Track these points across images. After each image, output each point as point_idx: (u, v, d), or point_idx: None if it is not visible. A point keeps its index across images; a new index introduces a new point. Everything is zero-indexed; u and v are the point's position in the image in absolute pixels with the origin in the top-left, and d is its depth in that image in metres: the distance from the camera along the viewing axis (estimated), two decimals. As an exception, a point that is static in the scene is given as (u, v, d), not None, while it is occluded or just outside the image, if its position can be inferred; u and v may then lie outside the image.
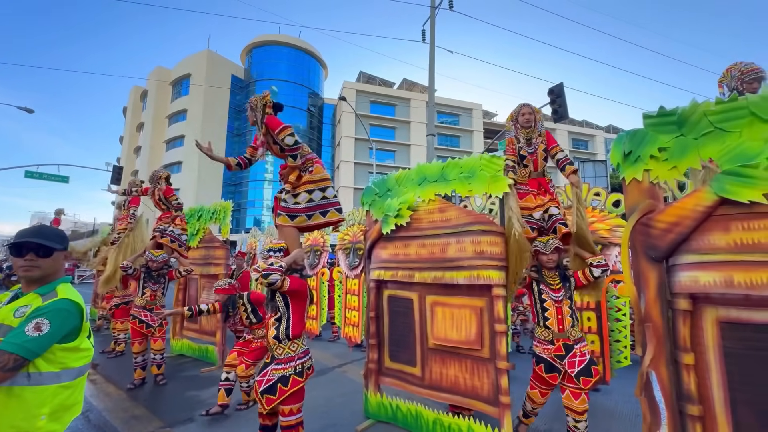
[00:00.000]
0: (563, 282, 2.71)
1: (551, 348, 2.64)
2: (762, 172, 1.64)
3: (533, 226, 2.97)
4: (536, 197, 3.08)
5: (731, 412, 1.69)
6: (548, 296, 2.70)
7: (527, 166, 3.18)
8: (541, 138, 3.16)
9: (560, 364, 2.60)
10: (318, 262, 6.76)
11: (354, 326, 5.77)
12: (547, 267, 2.76)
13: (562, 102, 10.06)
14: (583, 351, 2.61)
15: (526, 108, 3.19)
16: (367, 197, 3.70)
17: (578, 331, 2.68)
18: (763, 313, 1.65)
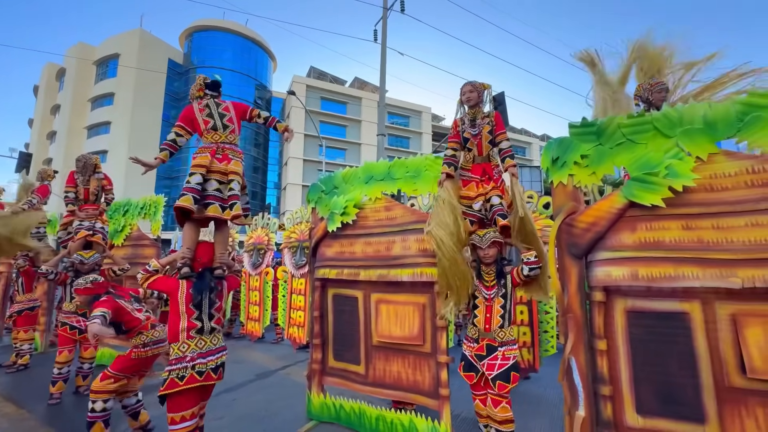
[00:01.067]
0: (498, 279, 2.49)
1: (474, 347, 2.48)
2: (661, 179, 1.88)
3: (472, 219, 2.69)
4: (479, 185, 2.74)
5: (634, 390, 1.92)
6: (480, 293, 2.51)
7: (471, 150, 2.81)
8: (488, 119, 2.78)
9: (479, 364, 2.43)
10: (261, 262, 6.48)
11: (299, 327, 5.63)
12: (485, 262, 2.55)
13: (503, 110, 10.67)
14: (508, 355, 2.39)
15: (467, 86, 2.82)
16: (313, 194, 3.62)
17: (508, 334, 2.45)
18: (660, 303, 1.90)
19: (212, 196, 2.61)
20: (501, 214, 2.56)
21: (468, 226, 2.65)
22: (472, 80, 2.86)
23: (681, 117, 1.93)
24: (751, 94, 1.81)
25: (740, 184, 1.78)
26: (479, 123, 2.79)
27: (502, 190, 2.70)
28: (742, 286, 1.69)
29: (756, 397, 1.68)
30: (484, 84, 2.86)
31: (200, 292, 2.32)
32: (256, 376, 4.58)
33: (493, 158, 2.85)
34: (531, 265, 2.37)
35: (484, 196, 2.70)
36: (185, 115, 2.82)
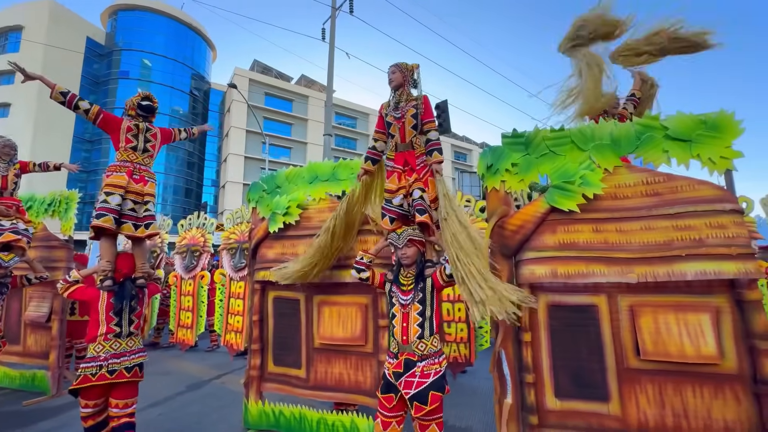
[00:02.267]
0: (417, 282, 2.20)
1: (393, 363, 2.14)
2: (576, 187, 2.12)
3: (392, 215, 2.45)
4: (401, 177, 2.48)
5: (553, 376, 2.13)
6: (397, 299, 2.21)
7: (393, 136, 2.55)
8: (414, 103, 2.50)
9: (397, 383, 2.06)
10: (196, 264, 6.04)
11: (237, 332, 5.34)
12: (403, 263, 2.28)
13: (446, 117, 11.20)
14: (427, 371, 2.05)
15: (391, 67, 2.58)
16: (253, 193, 3.48)
17: (431, 345, 2.11)
18: (574, 297, 2.14)
19: (127, 215, 2.76)
20: (420, 209, 2.32)
21: (387, 222, 2.46)
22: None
23: (593, 133, 2.20)
24: (646, 117, 2.12)
25: (637, 194, 2.08)
26: (403, 106, 2.51)
27: (425, 182, 2.43)
28: (637, 281, 1.97)
29: (647, 376, 1.96)
30: (410, 64, 2.61)
31: (121, 300, 2.53)
32: (187, 388, 4.26)
33: (418, 146, 2.53)
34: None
35: (406, 189, 2.45)
36: (112, 120, 2.89)
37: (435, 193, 2.38)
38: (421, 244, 2.31)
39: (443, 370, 2.10)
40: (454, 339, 4.18)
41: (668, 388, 1.92)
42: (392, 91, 2.61)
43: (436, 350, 2.13)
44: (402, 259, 2.28)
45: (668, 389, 1.92)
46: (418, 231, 2.32)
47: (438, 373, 2.07)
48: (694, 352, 1.88)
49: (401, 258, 2.28)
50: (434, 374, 2.06)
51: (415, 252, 2.27)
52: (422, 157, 2.51)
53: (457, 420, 3.28)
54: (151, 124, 3.02)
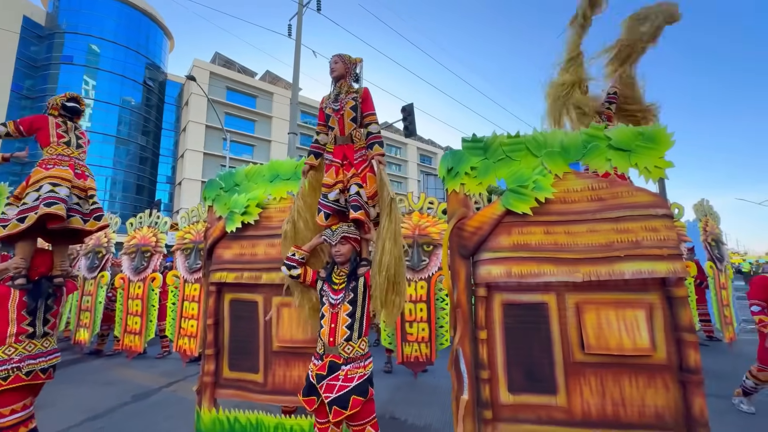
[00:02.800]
0: (348, 282, 2.13)
1: (317, 365, 2.08)
2: (530, 191, 2.23)
3: (327, 211, 2.36)
4: (339, 171, 2.41)
5: (507, 372, 2.23)
6: (327, 298, 2.14)
7: (332, 129, 2.50)
8: (354, 95, 2.45)
9: (318, 386, 2.00)
10: (146, 266, 5.67)
11: (191, 337, 5.07)
12: (336, 261, 2.22)
13: (411, 120, 11.40)
14: (352, 375, 1.99)
15: (333, 57, 2.54)
16: (210, 191, 3.32)
17: (358, 348, 2.05)
18: (527, 295, 2.24)
19: (73, 209, 2.67)
20: (355, 206, 2.24)
21: (322, 219, 2.36)
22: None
23: (545, 140, 2.33)
24: (592, 128, 2.28)
25: (583, 198, 2.23)
26: (342, 98, 2.46)
27: (363, 178, 2.37)
28: (583, 279, 2.11)
29: (590, 368, 2.10)
30: (354, 57, 2.59)
31: (36, 299, 2.41)
32: (133, 398, 3.98)
33: (357, 140, 2.48)
34: None
35: (343, 184, 2.38)
36: (36, 119, 2.77)
37: (373, 190, 2.36)
38: (356, 241, 2.26)
39: (369, 374, 2.05)
40: (416, 339, 4.25)
41: (608, 379, 2.07)
42: (333, 83, 2.57)
43: (363, 353, 2.08)
44: (335, 257, 2.22)
45: (608, 380, 2.07)
46: (353, 228, 2.26)
47: (363, 377, 2.01)
48: (631, 345, 2.04)
49: (334, 255, 2.22)
50: (358, 378, 2.00)
51: (349, 250, 2.21)
52: (361, 152, 2.45)
53: (417, 419, 3.33)
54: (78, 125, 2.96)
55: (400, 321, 4.37)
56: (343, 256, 2.20)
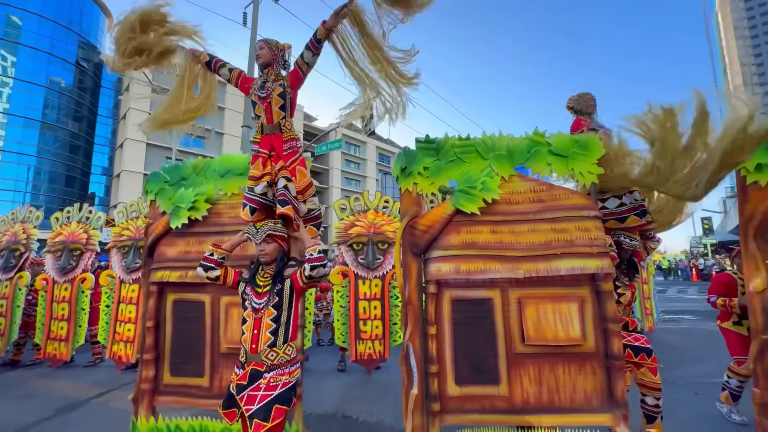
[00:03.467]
0: (274, 284, 1.96)
1: (237, 375, 1.91)
2: (478, 192, 2.34)
3: (253, 206, 2.21)
4: (266, 163, 2.27)
5: (454, 366, 2.32)
6: (249, 302, 1.96)
7: (259, 117, 2.37)
8: (281, 82, 2.32)
9: (238, 397, 1.84)
10: (75, 265, 5.14)
11: (128, 342, 4.69)
12: (261, 261, 2.05)
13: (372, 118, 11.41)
14: (275, 383, 1.84)
15: (259, 42, 2.45)
16: (153, 184, 3.09)
17: (284, 354, 1.89)
18: (474, 292, 2.35)
19: None
20: (282, 200, 2.10)
21: (247, 214, 2.20)
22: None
23: (493, 144, 2.46)
24: (534, 133, 2.45)
25: (526, 200, 2.38)
26: (269, 86, 2.33)
27: (292, 171, 2.26)
28: (524, 276, 2.25)
29: (529, 359, 2.25)
30: (282, 43, 2.47)
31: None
32: (56, 412, 3.60)
33: (286, 130, 2.36)
34: (314, 262, 1.90)
35: (271, 177, 2.23)
36: None
37: (304, 184, 2.27)
38: (283, 240, 2.08)
39: (294, 381, 1.92)
40: (370, 336, 4.28)
41: (545, 368, 2.24)
42: (260, 69, 2.45)
43: (289, 359, 1.93)
44: (260, 257, 2.04)
45: (545, 369, 2.24)
46: (279, 225, 2.09)
47: (287, 385, 1.87)
48: (565, 335, 2.22)
49: (259, 255, 2.04)
50: (282, 386, 1.85)
51: (275, 249, 2.03)
52: (291, 143, 2.34)
53: (369, 416, 3.36)
54: None
55: (354, 319, 4.37)
56: (269, 256, 2.01)
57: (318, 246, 1.98)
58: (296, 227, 2.18)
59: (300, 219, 2.25)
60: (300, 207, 2.25)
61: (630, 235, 2.69)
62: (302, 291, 2.02)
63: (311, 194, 2.37)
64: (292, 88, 2.34)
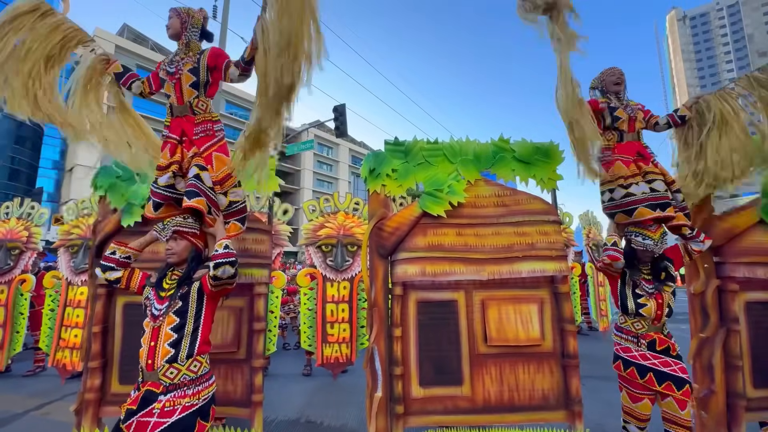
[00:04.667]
0: (179, 287, 1.69)
1: (131, 397, 1.61)
2: (445, 195, 2.37)
3: (158, 200, 1.93)
4: (176, 150, 2.00)
5: (419, 367, 2.32)
6: (151, 308, 1.68)
7: (169, 96, 2.07)
8: (195, 56, 2.05)
9: (124, 426, 1.54)
10: (13, 265, 4.70)
11: (74, 349, 4.33)
12: (169, 261, 1.79)
13: (343, 120, 11.36)
14: (170, 407, 1.52)
15: (169, 11, 2.14)
16: (103, 179, 2.89)
17: (187, 371, 1.59)
18: (439, 293, 2.37)
19: None
20: (190, 191, 1.82)
21: (149, 209, 1.93)
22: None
23: (461, 148, 2.50)
24: (500, 140, 2.52)
25: (491, 204, 2.44)
26: (178, 59, 2.04)
27: (208, 158, 1.95)
28: (488, 278, 2.30)
29: (491, 359, 2.30)
30: (195, 10, 2.15)
31: None
32: (-11, 426, 3.27)
33: (200, 111, 2.04)
34: (218, 259, 1.64)
35: (179, 166, 1.95)
36: None
37: (224, 173, 1.97)
38: (196, 236, 1.83)
39: (200, 404, 1.58)
40: (337, 339, 4.21)
41: (506, 367, 2.29)
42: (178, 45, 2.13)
43: (195, 377, 1.60)
44: (167, 256, 1.79)
45: (506, 369, 2.29)
46: (190, 220, 1.83)
47: (189, 409, 1.54)
48: (525, 336, 2.29)
49: (166, 254, 1.79)
50: (182, 411, 1.52)
51: (185, 247, 1.78)
52: (205, 125, 2.02)
53: (333, 420, 3.30)
54: None
55: (321, 322, 4.29)
56: (177, 256, 1.76)
57: (225, 240, 1.72)
58: (210, 222, 1.88)
59: (218, 213, 1.95)
60: (218, 199, 1.95)
61: (643, 233, 2.18)
62: (215, 296, 1.74)
63: (232, 184, 2.02)
64: (209, 64, 2.00)
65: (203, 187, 1.87)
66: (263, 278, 2.68)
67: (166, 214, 1.93)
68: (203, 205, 1.83)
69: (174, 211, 1.95)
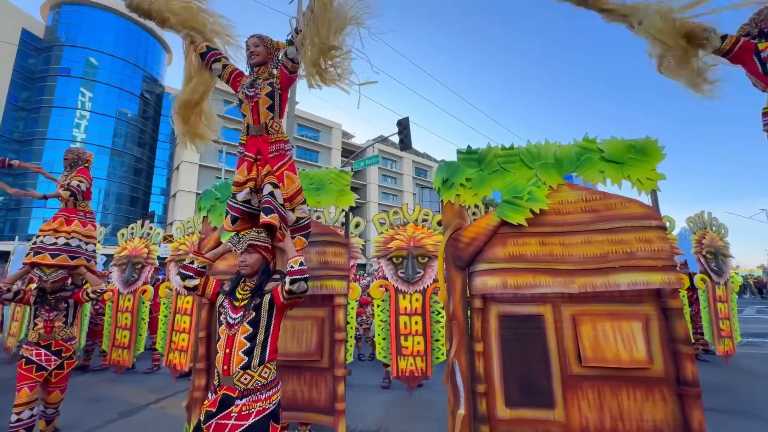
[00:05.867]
0: (252, 298, 1.80)
1: (209, 400, 1.73)
2: (525, 202, 2.24)
3: (235, 214, 2.03)
4: (252, 168, 2.10)
5: (504, 385, 2.19)
6: (225, 316, 1.81)
7: (245, 116, 2.20)
8: (271, 80, 2.16)
9: (204, 427, 1.65)
10: (137, 278, 5.57)
11: (182, 351, 4.95)
12: (242, 273, 1.90)
13: (407, 134, 11.52)
14: (247, 411, 1.65)
15: (253, 39, 2.25)
16: (205, 202, 3.30)
17: (259, 377, 1.71)
18: (523, 307, 2.23)
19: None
20: (266, 208, 1.92)
21: (228, 223, 2.03)
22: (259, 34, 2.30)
23: (539, 152, 2.36)
24: (584, 140, 2.32)
25: (578, 210, 2.25)
26: (259, 83, 2.16)
27: (279, 177, 2.07)
28: (579, 291, 2.11)
29: (588, 381, 2.08)
30: (277, 41, 2.29)
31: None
32: (119, 415, 3.85)
33: (273, 132, 2.15)
34: (294, 275, 1.73)
35: (256, 183, 2.06)
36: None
37: (293, 191, 2.10)
38: (267, 250, 1.93)
39: (272, 408, 1.71)
40: (411, 353, 4.18)
41: (606, 392, 2.05)
42: (250, 68, 2.28)
43: (265, 383, 1.72)
44: (240, 268, 1.90)
45: (606, 393, 2.05)
46: (263, 234, 1.94)
47: (262, 413, 1.66)
48: (628, 357, 2.03)
49: (239, 266, 1.90)
50: (256, 414, 1.65)
51: (256, 260, 1.89)
52: (278, 145, 2.14)
53: (412, 435, 3.25)
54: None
55: (395, 335, 4.31)
56: (249, 268, 1.87)
57: (300, 257, 1.81)
58: (280, 237, 1.96)
59: (287, 228, 2.05)
60: (287, 215, 2.06)
61: None
62: (284, 308, 1.84)
63: (300, 202, 2.16)
64: (282, 88, 2.16)
65: (276, 204, 1.97)
66: (342, 290, 2.78)
67: (241, 227, 2.04)
68: (277, 221, 1.92)
69: (247, 225, 2.06)
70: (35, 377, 2.91)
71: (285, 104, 2.30)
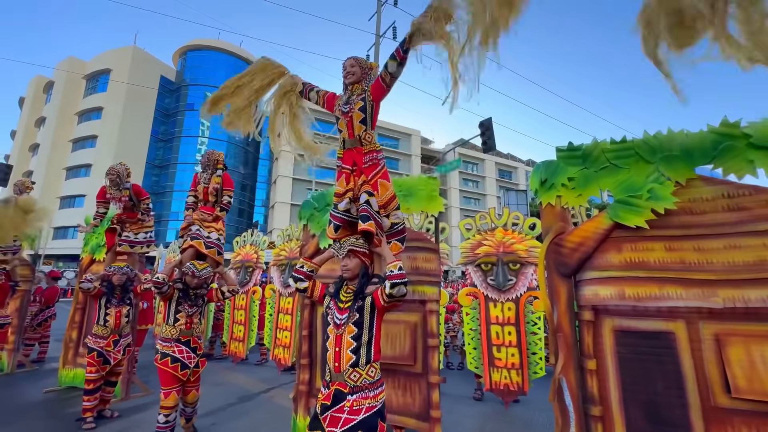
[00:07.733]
0: (355, 301, 1.92)
1: (323, 394, 1.87)
2: (644, 202, 1.96)
3: (337, 223, 2.17)
4: (350, 179, 2.24)
5: (624, 410, 1.93)
6: (332, 317, 1.94)
7: (341, 131, 2.36)
8: (363, 95, 2.28)
9: (322, 418, 1.80)
10: (249, 280, 6.35)
11: (285, 347, 5.48)
12: (344, 277, 2.02)
13: (490, 135, 11.05)
14: (358, 407, 1.75)
15: (350, 60, 2.40)
16: (305, 211, 3.62)
17: (366, 375, 1.82)
18: (644, 322, 1.94)
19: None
20: (363, 216, 2.04)
21: (331, 231, 2.18)
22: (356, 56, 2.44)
23: (660, 144, 2.05)
24: (723, 124, 1.94)
25: (717, 208, 1.88)
26: (353, 99, 2.28)
27: (374, 185, 2.18)
28: (723, 306, 1.75)
29: (741, 417, 1.71)
30: (369, 62, 2.44)
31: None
32: (238, 400, 4.41)
33: (366, 143, 2.28)
34: (394, 279, 1.78)
35: (353, 193, 2.20)
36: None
37: (386, 198, 2.19)
38: (365, 255, 2.03)
39: (379, 406, 1.81)
40: (505, 365, 3.95)
41: None
42: (345, 87, 2.41)
43: (373, 381, 1.83)
44: (342, 272, 2.02)
45: (769, 434, 1.65)
46: (361, 241, 2.04)
47: (371, 410, 1.77)
48: (802, 391, 1.61)
49: (342, 270, 2.03)
50: (366, 410, 1.76)
51: (357, 264, 2.00)
52: (371, 155, 2.26)
53: (512, 453, 3.05)
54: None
55: (486, 345, 4.13)
56: (350, 272, 1.99)
57: (398, 262, 1.87)
58: (377, 243, 2.06)
59: (383, 234, 2.15)
60: (383, 222, 2.15)
61: None
62: (384, 310, 1.91)
63: (394, 208, 2.25)
64: (374, 100, 2.27)
65: (372, 212, 2.07)
66: (434, 295, 2.78)
67: (343, 234, 2.17)
68: (374, 227, 2.02)
69: (348, 233, 2.18)
70: (180, 376, 3.01)
71: (377, 115, 2.40)
